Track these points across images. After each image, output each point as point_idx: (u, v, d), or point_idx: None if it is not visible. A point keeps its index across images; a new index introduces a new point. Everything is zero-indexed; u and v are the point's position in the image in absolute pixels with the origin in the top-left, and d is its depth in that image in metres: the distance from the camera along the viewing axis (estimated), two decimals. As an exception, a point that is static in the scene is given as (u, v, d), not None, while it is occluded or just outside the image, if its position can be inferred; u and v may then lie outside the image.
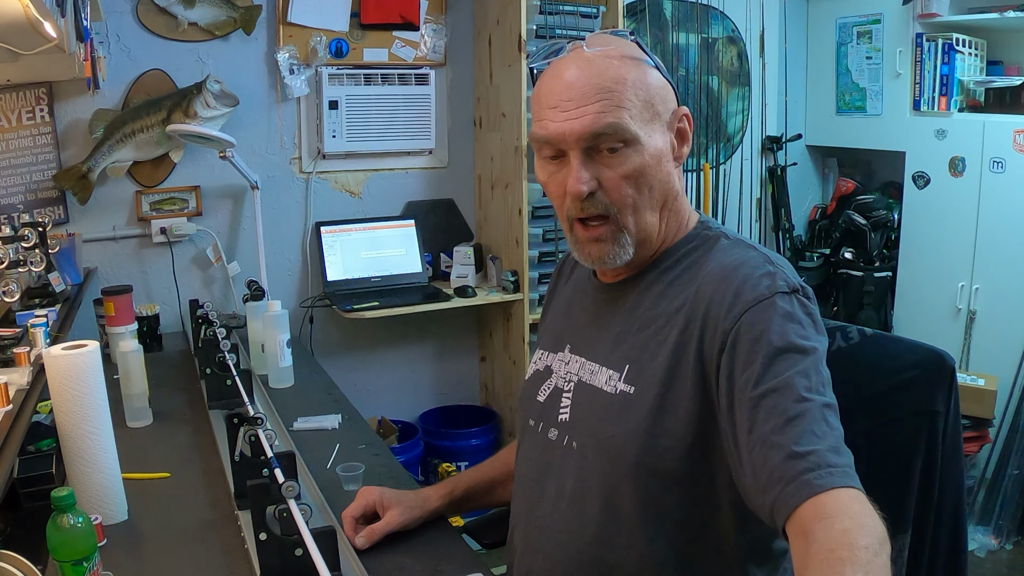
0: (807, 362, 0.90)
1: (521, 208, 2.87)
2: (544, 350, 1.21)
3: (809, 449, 0.83)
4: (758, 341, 0.92)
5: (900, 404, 1.25)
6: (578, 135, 0.99)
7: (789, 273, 1.00)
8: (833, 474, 0.81)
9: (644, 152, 1.00)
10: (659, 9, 3.47)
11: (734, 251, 1.04)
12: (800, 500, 0.80)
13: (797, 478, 0.82)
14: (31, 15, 1.34)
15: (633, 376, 1.03)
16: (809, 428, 0.85)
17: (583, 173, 1.00)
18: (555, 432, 1.11)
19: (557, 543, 1.07)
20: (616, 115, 0.98)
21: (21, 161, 2.52)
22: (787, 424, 0.86)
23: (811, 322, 0.95)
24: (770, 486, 0.84)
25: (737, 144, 3.78)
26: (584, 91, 0.98)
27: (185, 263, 2.81)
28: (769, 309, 0.93)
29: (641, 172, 1.01)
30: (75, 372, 1.23)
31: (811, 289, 1.01)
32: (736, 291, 0.96)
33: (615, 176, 1.00)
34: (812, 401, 0.87)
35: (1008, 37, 3.34)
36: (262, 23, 2.77)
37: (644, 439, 0.99)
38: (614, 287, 1.12)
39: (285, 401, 1.94)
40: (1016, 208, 2.97)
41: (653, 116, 1.01)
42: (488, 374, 3.32)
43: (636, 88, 0.99)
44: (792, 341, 0.91)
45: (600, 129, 0.98)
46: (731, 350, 0.94)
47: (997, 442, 2.92)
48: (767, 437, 0.86)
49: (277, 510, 1.05)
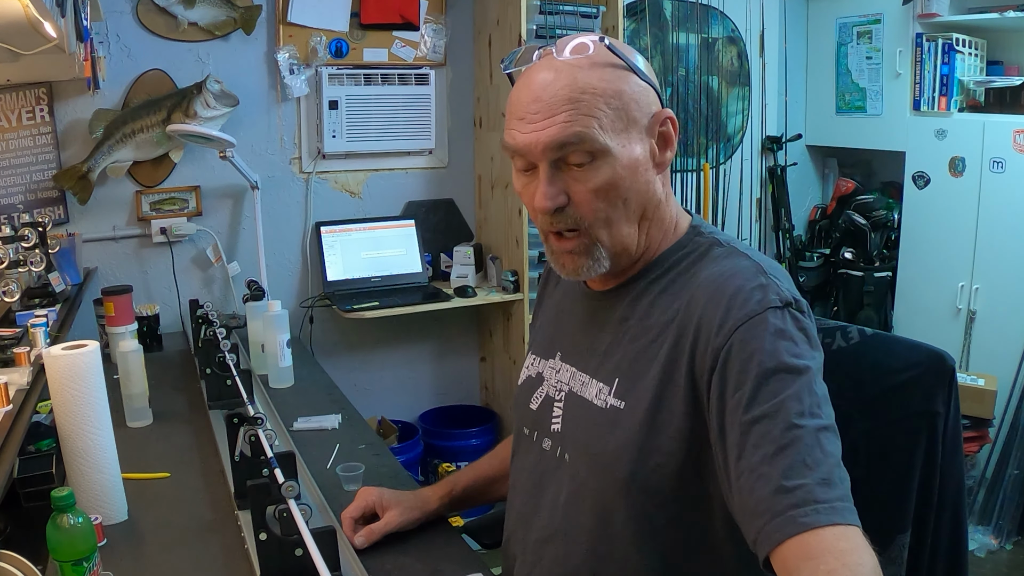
0: (800, 383, 0.87)
1: (521, 208, 2.87)
2: (536, 355, 1.19)
3: (798, 483, 0.81)
4: (749, 361, 0.88)
5: (900, 404, 1.25)
6: (544, 146, 0.94)
7: (783, 284, 0.95)
8: (819, 511, 0.79)
9: (616, 164, 0.96)
10: (659, 9, 3.47)
11: (726, 261, 1.00)
12: (783, 537, 0.79)
13: (783, 514, 0.80)
14: (31, 15, 1.34)
15: (623, 391, 1.01)
16: (800, 459, 0.82)
17: (549, 188, 0.96)
18: (548, 442, 1.10)
19: (554, 555, 1.07)
20: (584, 124, 0.93)
21: (21, 161, 2.52)
22: (777, 453, 0.83)
23: (804, 338, 0.92)
24: (755, 517, 0.82)
25: (737, 144, 3.78)
26: (550, 102, 0.94)
27: (185, 263, 2.81)
28: (760, 326, 0.90)
29: (613, 185, 0.96)
30: (75, 372, 1.23)
31: (806, 302, 0.97)
32: (727, 306, 0.92)
33: (584, 190, 0.96)
34: (804, 428, 0.84)
35: (1008, 37, 3.34)
36: (262, 23, 2.77)
37: (635, 455, 0.97)
38: (604, 295, 1.09)
39: (285, 401, 1.94)
40: (1016, 208, 2.97)
41: (629, 124, 0.96)
42: (488, 374, 3.32)
43: (607, 97, 0.94)
44: (784, 361, 0.88)
45: (565, 139, 0.93)
46: (722, 369, 0.90)
47: (997, 442, 2.92)
48: (756, 467, 0.84)
49: (277, 510, 1.05)
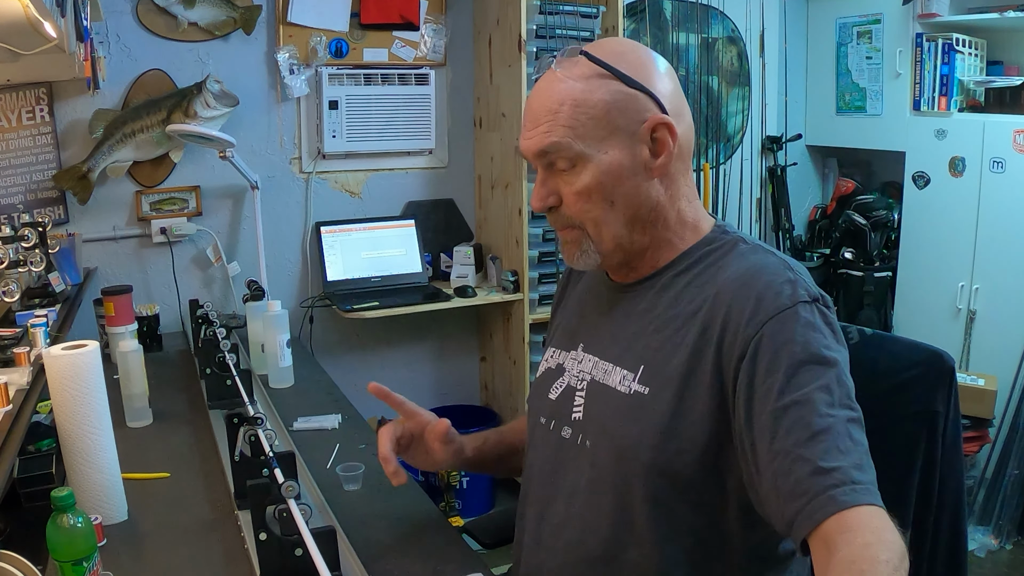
0: (830, 375, 0.92)
1: (521, 208, 2.87)
2: (556, 348, 1.22)
3: (835, 465, 0.85)
4: (780, 351, 0.93)
5: (900, 404, 1.25)
6: (532, 153, 1.06)
7: (808, 281, 1.01)
8: (857, 491, 0.83)
9: (596, 169, 1.03)
10: (659, 9, 3.47)
11: (753, 256, 1.05)
12: (825, 515, 0.83)
13: (823, 493, 0.84)
14: (31, 15, 1.34)
15: (648, 377, 1.04)
16: (834, 444, 0.87)
17: (541, 190, 1.08)
18: (568, 430, 1.12)
19: (569, 540, 1.08)
20: (559, 134, 1.02)
21: (21, 161, 2.52)
22: (812, 439, 0.88)
23: (831, 332, 0.97)
24: (793, 498, 0.86)
25: (737, 144, 3.78)
26: (536, 114, 1.05)
27: (185, 263, 2.81)
28: (792, 319, 0.95)
29: (594, 188, 1.04)
30: (75, 372, 1.23)
31: (830, 298, 1.02)
32: (758, 298, 0.97)
33: (569, 192, 1.06)
34: (835, 417, 0.89)
35: (1008, 37, 3.34)
36: (262, 23, 2.77)
37: (658, 440, 1.00)
38: (629, 288, 1.13)
39: (285, 401, 1.94)
40: (1016, 208, 2.97)
41: (611, 132, 1.02)
42: (488, 374, 3.31)
43: (586, 107, 1.02)
44: (815, 352, 0.93)
45: (544, 147, 1.03)
46: (752, 359, 0.94)
47: (997, 442, 2.92)
48: (791, 449, 0.88)
49: (277, 510, 1.05)
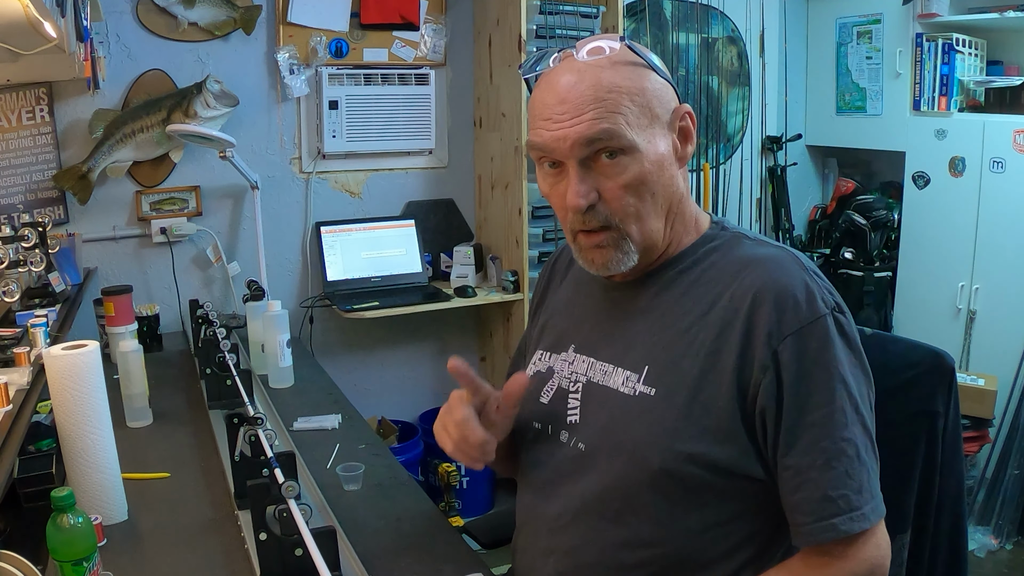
0: (848, 391, 0.95)
1: (521, 208, 2.87)
2: (544, 351, 1.18)
3: (841, 493, 0.93)
4: (800, 370, 0.94)
5: (900, 404, 1.25)
6: (572, 141, 0.96)
7: (823, 283, 1.00)
8: (854, 519, 0.92)
9: (643, 159, 0.98)
10: (659, 9, 3.47)
11: (761, 248, 1.04)
12: (823, 540, 0.93)
13: (827, 519, 0.93)
14: (31, 15, 1.34)
15: (655, 378, 1.01)
16: (843, 470, 0.93)
17: (581, 186, 0.98)
18: (565, 434, 1.09)
19: (571, 544, 1.06)
20: (611, 120, 0.96)
21: (21, 161, 2.52)
22: (825, 465, 0.93)
23: (848, 343, 0.98)
24: (798, 512, 0.95)
25: (737, 144, 3.78)
26: (577, 103, 0.96)
27: (185, 263, 2.81)
28: (811, 335, 0.95)
29: (642, 180, 0.98)
30: (75, 372, 1.23)
31: (844, 303, 1.01)
32: (780, 308, 0.96)
33: (614, 186, 0.98)
34: (848, 441, 0.93)
35: (1008, 37, 3.34)
36: (262, 23, 2.77)
37: (667, 442, 0.97)
38: (626, 286, 1.10)
39: (285, 401, 1.94)
40: (1016, 208, 2.97)
41: (652, 120, 0.99)
42: (488, 374, 3.31)
43: (632, 94, 0.97)
44: (834, 371, 0.95)
45: (595, 135, 0.96)
46: (773, 373, 0.95)
47: (997, 442, 2.91)
48: (803, 470, 0.94)
49: (277, 510, 1.05)
